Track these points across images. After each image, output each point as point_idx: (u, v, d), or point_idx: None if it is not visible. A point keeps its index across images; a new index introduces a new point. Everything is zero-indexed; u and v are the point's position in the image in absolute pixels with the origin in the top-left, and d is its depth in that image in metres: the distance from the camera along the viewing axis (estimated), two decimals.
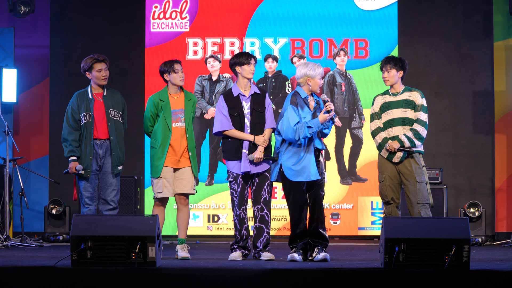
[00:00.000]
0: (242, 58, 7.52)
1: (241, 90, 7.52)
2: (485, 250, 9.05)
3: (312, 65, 7.32)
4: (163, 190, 7.53)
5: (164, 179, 7.54)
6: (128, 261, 6.18)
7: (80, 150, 7.49)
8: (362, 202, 10.77)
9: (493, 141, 10.82)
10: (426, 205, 7.43)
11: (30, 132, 11.06)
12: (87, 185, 7.49)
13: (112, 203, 7.54)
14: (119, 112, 7.60)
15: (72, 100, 7.58)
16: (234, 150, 7.46)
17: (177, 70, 7.59)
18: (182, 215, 7.64)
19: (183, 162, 7.58)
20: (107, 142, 7.55)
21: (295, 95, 7.31)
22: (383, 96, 7.66)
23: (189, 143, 7.58)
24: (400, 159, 7.48)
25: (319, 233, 7.26)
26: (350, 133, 10.73)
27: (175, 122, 7.57)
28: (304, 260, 7.29)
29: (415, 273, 5.86)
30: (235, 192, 7.49)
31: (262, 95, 7.55)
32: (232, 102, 7.48)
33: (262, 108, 7.51)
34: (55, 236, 10.32)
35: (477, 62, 10.93)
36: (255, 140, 7.43)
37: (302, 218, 7.27)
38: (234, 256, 7.41)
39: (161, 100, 7.58)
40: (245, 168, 7.42)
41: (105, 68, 7.58)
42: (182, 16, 10.92)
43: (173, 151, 7.55)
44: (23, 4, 10.45)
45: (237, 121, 7.46)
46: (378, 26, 10.81)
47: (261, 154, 7.40)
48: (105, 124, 7.52)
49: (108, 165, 7.55)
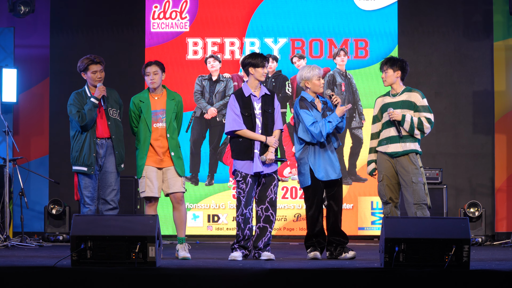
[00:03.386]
0: (257, 60, 7.47)
1: (252, 90, 7.51)
2: (485, 250, 9.05)
3: (307, 67, 7.54)
4: (146, 189, 7.53)
5: (147, 179, 7.53)
6: (128, 261, 6.18)
7: (82, 148, 7.48)
8: (362, 202, 10.77)
9: (493, 141, 10.82)
10: (423, 206, 7.41)
11: (30, 132, 11.06)
12: (88, 185, 7.49)
13: (112, 202, 7.54)
14: (117, 110, 7.62)
15: (71, 98, 7.57)
16: (244, 150, 7.45)
17: (148, 73, 7.56)
18: (177, 214, 7.64)
19: (166, 162, 7.58)
20: (108, 141, 7.56)
21: (301, 100, 7.54)
22: (383, 98, 7.67)
23: (170, 143, 7.57)
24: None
25: (341, 231, 7.56)
26: (350, 133, 10.73)
27: (156, 122, 7.55)
28: (329, 259, 7.54)
29: (415, 273, 5.86)
30: (243, 192, 7.44)
31: (272, 96, 7.56)
32: (243, 102, 7.47)
33: (272, 109, 7.51)
34: (55, 236, 10.32)
35: (477, 62, 10.93)
36: (267, 141, 7.43)
37: (320, 218, 7.55)
38: (234, 256, 7.40)
39: (141, 101, 7.58)
40: (258, 168, 7.39)
41: (101, 70, 7.57)
42: (182, 16, 10.93)
43: (154, 151, 7.55)
44: (23, 4, 10.45)
45: (248, 121, 7.45)
46: (378, 26, 10.81)
47: (273, 155, 7.41)
48: (106, 123, 7.53)
49: (108, 165, 7.55)
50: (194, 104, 10.82)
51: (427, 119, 7.47)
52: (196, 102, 10.83)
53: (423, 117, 7.46)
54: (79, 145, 7.49)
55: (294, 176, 10.52)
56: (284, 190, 10.74)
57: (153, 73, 7.54)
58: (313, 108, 7.49)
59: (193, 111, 10.81)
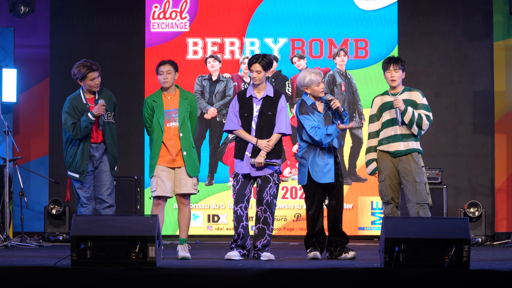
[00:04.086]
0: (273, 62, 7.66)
1: (254, 91, 7.53)
2: (485, 250, 9.05)
3: (305, 73, 7.55)
4: (157, 188, 7.54)
5: (158, 178, 7.53)
6: (128, 261, 6.18)
7: (75, 155, 7.49)
8: (362, 202, 10.77)
9: (493, 141, 10.81)
10: (425, 206, 7.42)
11: (30, 132, 11.06)
12: (82, 186, 7.50)
13: (109, 200, 7.56)
14: (111, 113, 7.61)
15: (67, 105, 7.57)
16: (239, 150, 7.52)
17: (161, 72, 7.56)
18: (182, 215, 7.64)
19: (178, 162, 7.58)
20: (103, 145, 7.57)
21: (301, 106, 7.54)
22: (382, 97, 7.66)
23: (182, 143, 7.57)
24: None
25: (341, 231, 7.57)
26: (350, 133, 10.73)
27: (169, 122, 7.56)
28: (329, 259, 7.53)
29: (415, 273, 5.86)
30: (234, 189, 7.52)
31: (275, 98, 7.52)
32: (243, 102, 7.51)
33: (273, 111, 7.48)
34: (55, 236, 10.32)
35: (477, 62, 10.93)
36: (257, 143, 7.43)
37: (320, 218, 7.55)
38: (230, 255, 7.42)
39: (154, 101, 7.58)
40: (245, 170, 7.45)
41: (98, 76, 7.56)
42: (182, 16, 10.92)
43: (167, 150, 7.55)
44: (23, 4, 10.44)
45: (245, 122, 7.48)
46: (378, 26, 10.81)
47: (261, 159, 7.39)
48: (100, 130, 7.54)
49: (103, 165, 7.57)
50: None
51: (427, 116, 7.48)
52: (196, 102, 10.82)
53: (423, 114, 7.47)
54: (73, 151, 7.52)
55: (294, 176, 10.52)
56: (284, 190, 10.74)
57: (166, 72, 7.55)
58: (314, 110, 7.49)
59: None
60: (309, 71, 7.51)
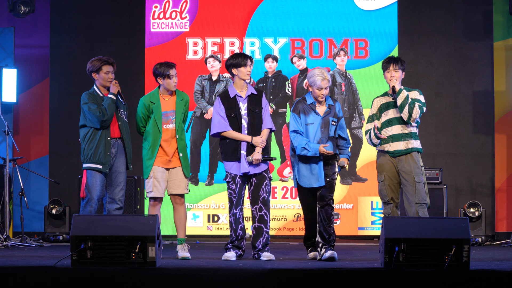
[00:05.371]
0: (238, 59, 7.52)
1: (237, 91, 7.53)
2: (485, 250, 9.06)
3: (315, 73, 7.42)
4: (153, 189, 7.54)
5: (155, 179, 7.54)
6: (128, 261, 6.18)
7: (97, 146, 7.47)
8: (362, 202, 10.77)
9: (493, 141, 10.82)
10: (424, 205, 7.42)
11: (30, 132, 11.06)
12: (98, 183, 7.47)
13: (120, 202, 7.56)
14: (124, 111, 7.65)
15: (85, 97, 7.49)
16: (231, 151, 7.48)
17: (172, 76, 7.57)
18: (178, 214, 7.64)
19: (174, 162, 7.59)
20: (119, 141, 7.58)
21: (300, 102, 7.50)
22: (381, 98, 7.67)
23: (179, 144, 7.58)
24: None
25: (325, 232, 7.34)
26: (350, 133, 10.73)
27: (166, 123, 7.57)
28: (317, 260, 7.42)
29: (415, 273, 5.86)
30: (234, 192, 7.49)
31: (259, 96, 7.56)
32: (229, 103, 7.50)
33: (259, 108, 7.52)
34: (55, 236, 10.32)
35: (477, 62, 10.93)
36: (253, 141, 7.44)
37: (314, 219, 7.45)
38: (227, 256, 7.42)
39: (151, 102, 7.58)
40: (244, 169, 7.44)
41: (112, 71, 7.59)
42: (182, 16, 10.93)
43: (163, 152, 7.56)
44: (23, 4, 10.45)
45: (234, 122, 7.47)
46: (378, 26, 10.81)
47: (259, 155, 7.41)
48: (117, 124, 7.56)
49: (119, 164, 7.57)
50: (194, 104, 10.82)
51: (419, 106, 7.45)
52: (196, 102, 10.83)
53: (417, 103, 7.45)
54: (94, 143, 7.48)
55: None
56: (284, 190, 10.74)
57: (175, 75, 7.57)
58: (310, 110, 7.42)
59: (193, 111, 10.81)
60: (319, 74, 7.38)
